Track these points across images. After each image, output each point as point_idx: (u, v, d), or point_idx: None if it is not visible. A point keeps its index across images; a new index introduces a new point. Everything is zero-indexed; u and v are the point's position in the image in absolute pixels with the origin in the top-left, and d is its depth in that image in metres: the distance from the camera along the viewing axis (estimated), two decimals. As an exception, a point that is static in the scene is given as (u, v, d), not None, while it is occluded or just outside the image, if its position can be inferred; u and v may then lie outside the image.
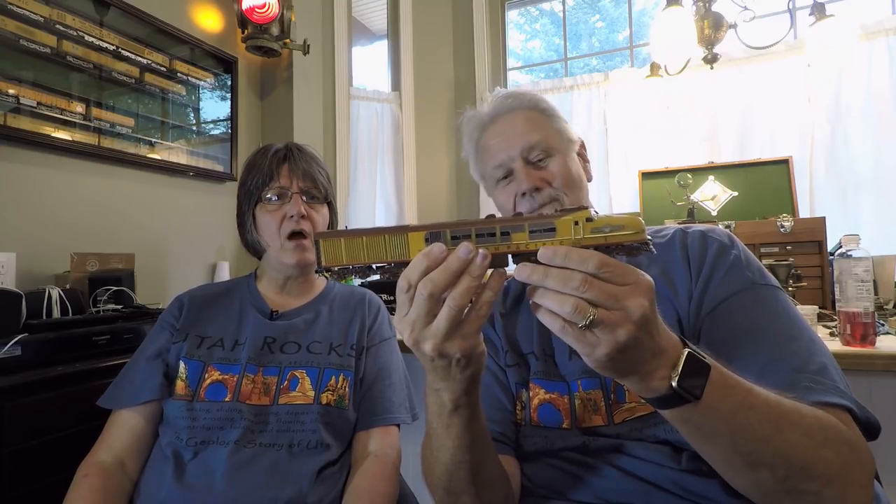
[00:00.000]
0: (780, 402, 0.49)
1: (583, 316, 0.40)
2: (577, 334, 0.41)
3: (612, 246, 0.44)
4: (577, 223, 0.45)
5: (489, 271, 0.46)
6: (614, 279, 0.41)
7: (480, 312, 0.45)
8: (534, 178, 0.75)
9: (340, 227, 1.16)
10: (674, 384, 0.44)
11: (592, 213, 0.45)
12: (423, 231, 0.47)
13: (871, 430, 0.55)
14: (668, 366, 0.44)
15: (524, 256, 0.47)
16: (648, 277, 0.42)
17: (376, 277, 1.91)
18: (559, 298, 0.41)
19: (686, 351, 0.45)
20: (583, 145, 0.84)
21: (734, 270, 0.66)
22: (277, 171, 0.95)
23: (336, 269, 0.49)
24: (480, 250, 0.44)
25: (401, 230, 0.47)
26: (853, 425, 0.53)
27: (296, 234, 0.94)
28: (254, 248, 1.01)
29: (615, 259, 0.42)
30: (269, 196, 0.95)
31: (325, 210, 1.00)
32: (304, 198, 0.96)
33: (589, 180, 0.83)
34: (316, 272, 0.49)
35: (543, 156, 0.76)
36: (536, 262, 0.44)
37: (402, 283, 0.45)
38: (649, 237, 0.44)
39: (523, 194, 0.75)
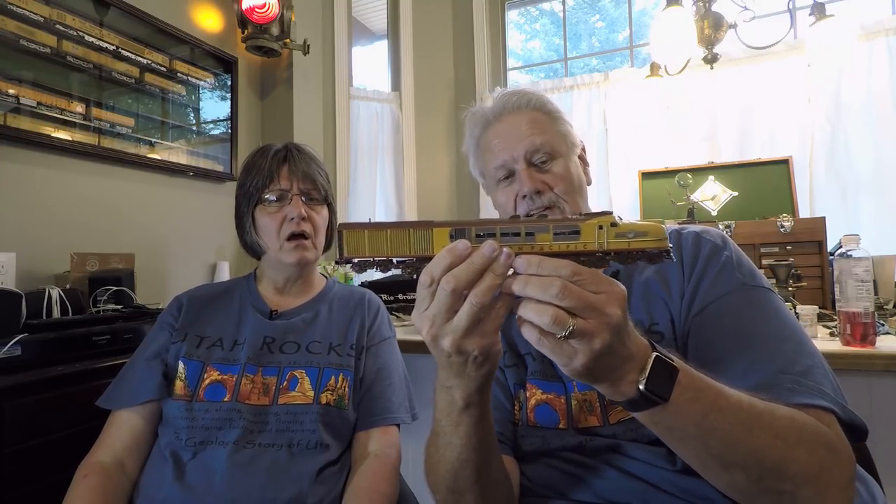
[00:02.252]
0: (753, 403, 0.49)
1: (562, 326, 0.40)
2: (553, 345, 0.42)
3: (634, 252, 0.45)
4: (601, 227, 0.45)
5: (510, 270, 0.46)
6: (588, 287, 0.41)
7: (500, 311, 0.45)
8: (536, 180, 0.74)
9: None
10: (641, 387, 0.44)
11: (616, 217, 0.45)
12: (448, 227, 0.47)
13: (857, 432, 0.56)
14: (636, 370, 0.45)
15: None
16: (621, 286, 0.43)
17: (378, 277, 1.91)
18: (538, 309, 0.41)
19: (654, 355, 0.45)
20: (583, 149, 0.84)
21: (725, 271, 0.66)
22: (277, 172, 0.95)
23: (357, 260, 0.48)
24: (505, 249, 0.44)
25: (425, 225, 0.47)
26: (836, 427, 0.53)
27: (295, 236, 0.95)
28: (253, 250, 1.01)
29: (587, 268, 0.42)
30: (268, 198, 0.95)
31: (324, 211, 1.00)
32: (304, 199, 0.96)
33: (588, 184, 0.82)
34: (336, 263, 0.49)
35: (546, 158, 0.76)
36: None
37: (424, 278, 0.45)
38: (671, 245, 0.45)
39: (524, 196, 0.75)
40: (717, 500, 0.58)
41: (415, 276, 0.47)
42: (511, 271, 0.44)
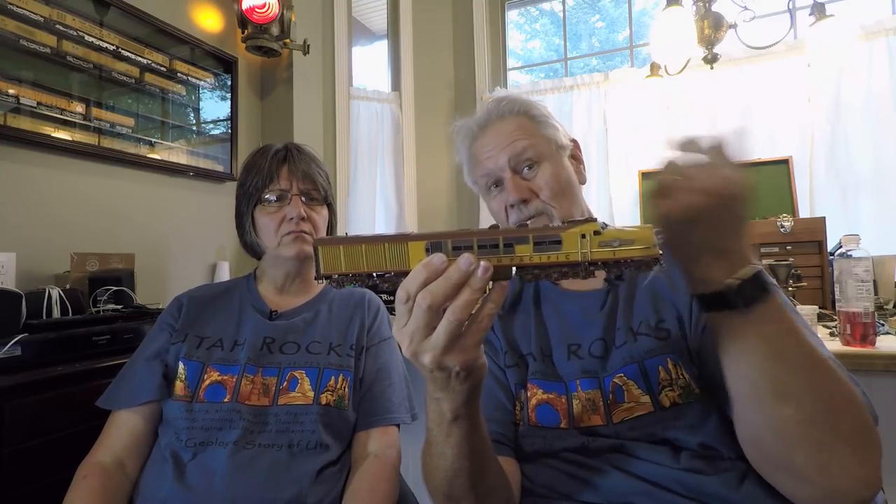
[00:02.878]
0: (825, 354, 0.50)
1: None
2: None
3: (621, 261, 0.43)
4: (584, 236, 0.43)
5: (490, 283, 0.44)
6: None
7: (481, 325, 0.44)
8: (522, 189, 0.75)
9: (340, 228, 1.16)
10: (759, 268, 0.46)
11: (600, 225, 0.44)
12: (424, 241, 0.45)
13: None
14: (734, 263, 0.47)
15: (527, 269, 0.45)
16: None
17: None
18: None
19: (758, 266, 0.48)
20: (577, 146, 0.84)
21: None
22: (277, 172, 0.95)
23: (335, 276, 0.48)
24: (482, 262, 0.42)
25: (401, 239, 0.46)
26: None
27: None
28: (253, 249, 1.01)
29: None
30: (268, 197, 0.95)
31: (324, 211, 1.00)
32: (304, 199, 0.96)
33: (582, 183, 0.83)
34: (315, 279, 0.49)
35: (531, 164, 0.76)
36: (538, 274, 0.44)
37: (400, 294, 0.44)
38: (661, 252, 0.43)
39: (511, 206, 0.76)
40: (722, 496, 0.58)
41: (385, 288, 0.46)
42: (490, 284, 0.43)
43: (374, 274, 0.47)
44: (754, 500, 0.56)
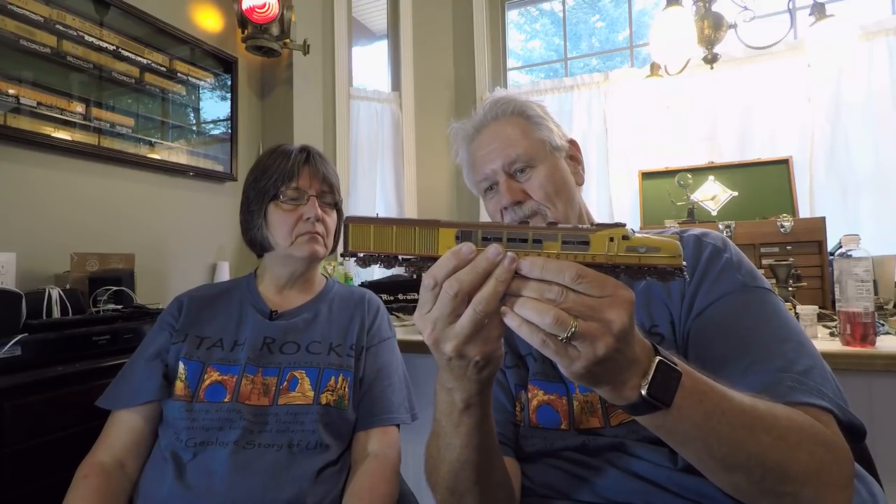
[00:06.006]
0: (755, 405, 0.49)
1: (564, 328, 0.39)
2: (557, 347, 0.41)
3: (644, 267, 0.43)
4: (612, 239, 0.43)
5: None
6: (592, 291, 0.40)
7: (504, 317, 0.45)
8: (515, 192, 0.75)
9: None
10: (643, 392, 0.43)
11: (629, 230, 0.44)
12: (455, 228, 0.46)
13: (855, 433, 0.56)
14: (639, 374, 0.44)
15: None
16: (628, 290, 0.42)
17: (378, 276, 1.91)
18: (540, 308, 0.40)
19: (657, 359, 0.44)
20: (575, 146, 0.84)
21: (725, 273, 0.66)
22: (299, 171, 0.96)
23: (361, 255, 0.48)
24: (509, 253, 0.42)
25: (432, 224, 0.47)
26: (834, 426, 0.53)
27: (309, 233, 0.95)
28: (261, 246, 1.00)
29: (593, 271, 0.41)
30: (287, 195, 0.95)
31: (334, 215, 1.02)
32: (319, 201, 0.97)
33: (580, 184, 0.82)
34: (342, 256, 0.49)
35: (525, 167, 0.76)
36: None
37: (427, 280, 0.44)
38: (685, 263, 0.43)
39: (505, 208, 0.76)
40: (718, 499, 0.58)
41: (415, 277, 0.46)
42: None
43: (401, 256, 0.48)
44: None
